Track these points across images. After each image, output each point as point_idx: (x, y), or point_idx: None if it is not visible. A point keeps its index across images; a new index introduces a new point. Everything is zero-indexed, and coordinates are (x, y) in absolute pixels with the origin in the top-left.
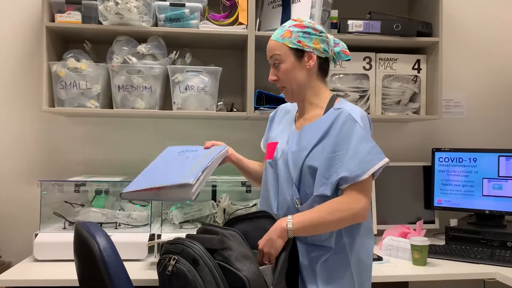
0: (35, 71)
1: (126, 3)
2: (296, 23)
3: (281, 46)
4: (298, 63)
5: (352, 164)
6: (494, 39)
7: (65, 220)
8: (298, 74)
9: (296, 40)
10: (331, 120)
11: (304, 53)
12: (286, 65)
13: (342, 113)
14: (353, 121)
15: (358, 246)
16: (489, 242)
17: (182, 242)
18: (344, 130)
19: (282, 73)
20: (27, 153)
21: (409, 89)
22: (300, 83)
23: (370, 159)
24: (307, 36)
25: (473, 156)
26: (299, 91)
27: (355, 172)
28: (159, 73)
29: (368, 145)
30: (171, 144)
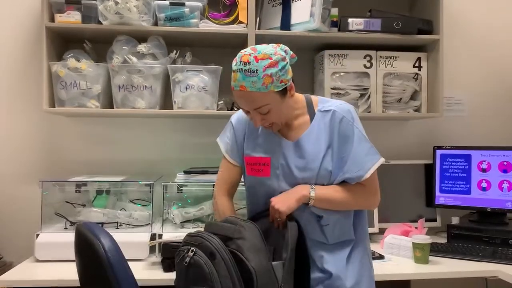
0: (35, 71)
1: (126, 2)
2: (267, 63)
3: (266, 95)
4: (283, 99)
5: (354, 165)
6: (495, 36)
7: (66, 220)
8: (285, 107)
9: (279, 81)
10: (327, 124)
11: (286, 88)
12: (276, 107)
13: (335, 114)
14: (349, 123)
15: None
16: (491, 240)
17: (201, 235)
18: (342, 132)
19: (274, 116)
20: (28, 154)
21: (410, 87)
22: (288, 112)
23: (368, 159)
24: (284, 71)
25: (475, 154)
26: (287, 118)
27: (357, 173)
28: (159, 73)
29: (366, 146)
30: (172, 144)
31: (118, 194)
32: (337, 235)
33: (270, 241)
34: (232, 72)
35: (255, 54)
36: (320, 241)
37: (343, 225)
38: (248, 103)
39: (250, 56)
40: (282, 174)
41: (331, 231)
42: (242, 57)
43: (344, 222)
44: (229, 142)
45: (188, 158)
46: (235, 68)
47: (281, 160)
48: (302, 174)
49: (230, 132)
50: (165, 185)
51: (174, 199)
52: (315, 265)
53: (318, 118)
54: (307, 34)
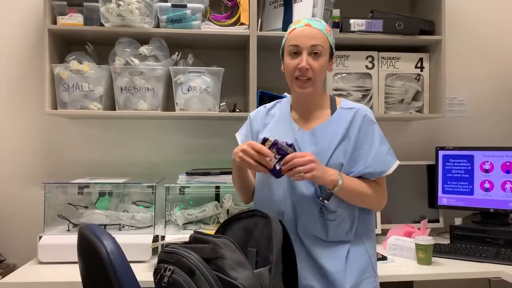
0: (38, 74)
1: (128, 4)
2: (327, 25)
3: (326, 40)
4: (327, 63)
5: (376, 162)
6: (497, 36)
7: (69, 222)
8: (325, 72)
9: (333, 41)
10: (348, 119)
11: (332, 56)
12: (323, 59)
13: (358, 113)
14: (371, 122)
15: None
16: (494, 241)
17: (176, 252)
18: (364, 129)
19: (319, 65)
20: (30, 156)
21: (412, 87)
22: (322, 81)
23: (389, 159)
24: (334, 41)
25: (477, 154)
26: (319, 88)
27: (380, 169)
28: (162, 74)
29: (387, 146)
30: (174, 146)
31: (120, 196)
32: (338, 233)
33: (252, 243)
34: (293, 25)
35: (322, 21)
36: (318, 237)
37: (347, 223)
38: (309, 37)
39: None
40: None
41: (334, 228)
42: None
43: (347, 222)
44: (246, 134)
45: (190, 159)
46: (302, 20)
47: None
48: None
49: (247, 126)
50: (167, 187)
51: (176, 200)
52: (313, 262)
53: (339, 113)
54: None
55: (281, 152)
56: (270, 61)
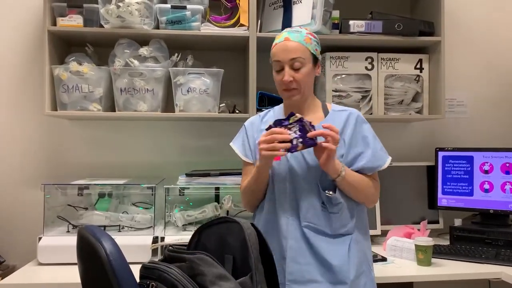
0: (38, 75)
1: (128, 6)
2: (308, 31)
3: (305, 50)
4: (313, 70)
5: (374, 157)
6: (497, 38)
7: (68, 223)
8: (311, 79)
9: (314, 48)
10: (342, 120)
11: (317, 61)
12: (306, 69)
13: (352, 114)
14: (363, 121)
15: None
16: (494, 242)
17: (157, 267)
18: (358, 129)
19: (302, 76)
20: (30, 157)
21: (411, 88)
22: (310, 88)
23: (383, 155)
24: (318, 46)
25: (477, 155)
26: (307, 95)
27: (377, 163)
28: (161, 76)
29: (380, 144)
30: (174, 147)
31: (120, 197)
32: (340, 225)
33: (228, 249)
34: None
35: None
36: (321, 231)
37: (347, 216)
38: (287, 52)
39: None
40: (294, 161)
41: (337, 221)
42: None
43: (347, 214)
44: (243, 143)
45: (190, 160)
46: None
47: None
48: (311, 155)
49: (243, 134)
50: (167, 188)
51: (176, 202)
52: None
53: (332, 115)
54: None
55: (302, 130)
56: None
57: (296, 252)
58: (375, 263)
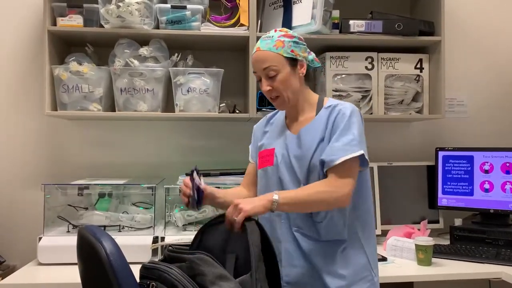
0: (38, 75)
1: (128, 6)
2: (283, 33)
3: (275, 56)
4: (293, 72)
5: (330, 150)
6: (497, 37)
7: (69, 223)
8: (293, 82)
9: (290, 49)
10: (325, 118)
11: (297, 62)
12: (282, 75)
13: (334, 109)
14: (342, 115)
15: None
16: (494, 242)
17: (157, 267)
18: (336, 123)
19: (279, 83)
20: (30, 157)
21: (411, 88)
22: (295, 90)
23: (346, 148)
24: (296, 45)
25: (477, 155)
26: (294, 98)
27: (330, 157)
28: (161, 76)
29: (349, 137)
30: (174, 147)
31: (120, 197)
32: (330, 232)
33: (231, 247)
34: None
35: (278, 29)
36: (311, 236)
37: (336, 224)
38: (259, 62)
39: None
40: (283, 163)
41: (325, 229)
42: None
43: (337, 221)
44: (252, 146)
45: (190, 160)
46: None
47: (284, 151)
48: (298, 163)
49: (252, 137)
50: (167, 188)
51: (176, 202)
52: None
53: (321, 114)
54: (308, 36)
55: (195, 182)
56: None
57: (290, 255)
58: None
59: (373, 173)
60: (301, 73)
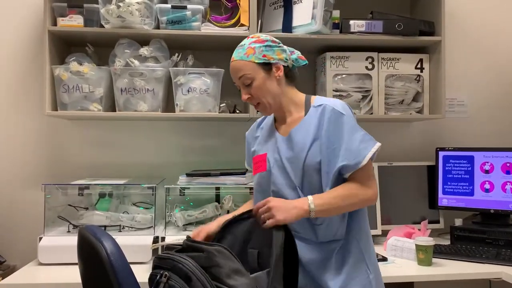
0: (38, 75)
1: (128, 6)
2: (255, 39)
3: (247, 64)
4: (268, 76)
5: (350, 153)
6: (497, 37)
7: (69, 223)
8: (270, 86)
9: (261, 54)
10: (317, 117)
11: (271, 65)
12: (257, 81)
13: (326, 108)
14: (338, 114)
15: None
16: (495, 242)
17: (172, 258)
18: (332, 124)
19: (255, 90)
20: (30, 157)
21: (412, 88)
22: (275, 94)
23: (364, 146)
24: (269, 49)
25: (477, 155)
26: (275, 102)
27: (354, 160)
28: (162, 76)
29: (359, 134)
30: (174, 147)
31: (120, 197)
32: (328, 234)
33: (254, 244)
34: None
35: (251, 36)
36: (309, 239)
37: (336, 224)
38: (234, 72)
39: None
40: (276, 167)
41: (324, 231)
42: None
43: (336, 222)
44: (247, 155)
45: (190, 160)
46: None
47: (275, 154)
48: (291, 165)
49: (246, 144)
50: (167, 188)
51: (176, 201)
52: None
53: (311, 113)
54: (308, 37)
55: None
56: None
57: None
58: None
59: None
60: (277, 76)
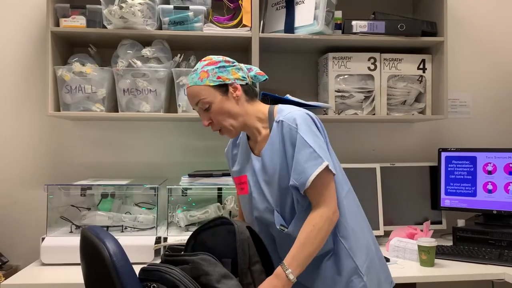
0: (41, 76)
1: (130, 7)
2: (207, 62)
3: (203, 89)
4: (226, 98)
5: (295, 173)
6: (499, 38)
7: (71, 223)
8: (230, 107)
9: (215, 77)
10: (278, 137)
11: (227, 86)
12: (215, 104)
13: (283, 125)
14: (292, 129)
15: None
16: (497, 243)
17: (158, 269)
18: (288, 141)
19: (215, 114)
20: (33, 158)
21: (414, 89)
22: (236, 115)
23: (310, 165)
24: (223, 69)
25: (480, 156)
26: (238, 122)
27: (299, 181)
28: (164, 76)
29: (307, 152)
30: (176, 148)
31: (123, 197)
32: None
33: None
34: None
35: (203, 59)
36: None
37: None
38: (190, 98)
39: (199, 62)
40: (256, 192)
41: None
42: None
43: None
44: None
45: (192, 161)
46: None
47: (253, 177)
48: (268, 188)
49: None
50: (170, 188)
51: (178, 202)
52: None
53: (274, 130)
54: (310, 37)
55: None
56: (273, 62)
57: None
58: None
59: (376, 173)
60: (236, 96)
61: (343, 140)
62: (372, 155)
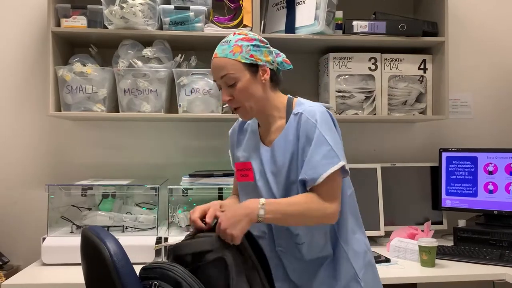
0: (41, 76)
1: (131, 7)
2: (242, 36)
3: (233, 63)
4: (253, 79)
5: (308, 168)
6: (500, 38)
7: (72, 224)
8: (255, 90)
9: (249, 54)
10: (295, 127)
11: (258, 67)
12: (242, 83)
13: (301, 118)
14: (311, 124)
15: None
16: (498, 243)
17: (160, 266)
18: (305, 136)
19: (239, 92)
20: (34, 158)
21: (415, 89)
22: (258, 99)
23: (325, 163)
24: (257, 49)
25: (481, 156)
26: (258, 107)
27: (311, 176)
28: (165, 77)
29: (325, 149)
30: (177, 148)
31: (124, 197)
32: (312, 252)
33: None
34: None
35: (237, 32)
36: (296, 256)
37: (318, 244)
38: (216, 70)
39: (233, 34)
40: (261, 180)
41: (307, 250)
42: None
43: (319, 240)
44: (231, 153)
45: (193, 161)
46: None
47: (260, 166)
48: (275, 180)
49: (229, 142)
50: (170, 189)
51: (179, 202)
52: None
53: (291, 122)
54: (311, 37)
55: None
56: None
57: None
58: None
59: (377, 174)
60: (263, 80)
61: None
62: (373, 155)
